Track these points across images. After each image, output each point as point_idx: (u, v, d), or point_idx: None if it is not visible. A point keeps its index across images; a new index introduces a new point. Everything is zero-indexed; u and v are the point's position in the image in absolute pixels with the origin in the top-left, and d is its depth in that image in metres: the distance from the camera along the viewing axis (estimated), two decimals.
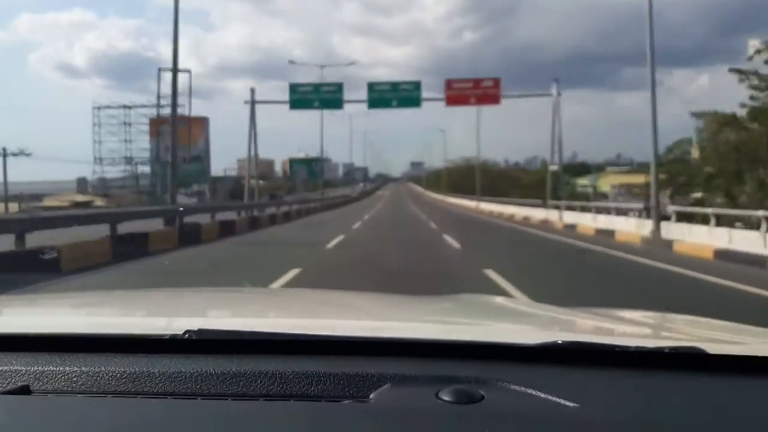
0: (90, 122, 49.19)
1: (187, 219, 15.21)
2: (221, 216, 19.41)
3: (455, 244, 13.40)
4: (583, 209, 20.54)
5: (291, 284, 7.34)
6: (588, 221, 18.35)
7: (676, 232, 12.92)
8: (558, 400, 0.88)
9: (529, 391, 0.90)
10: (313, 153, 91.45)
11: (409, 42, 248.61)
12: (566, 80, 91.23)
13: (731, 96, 30.42)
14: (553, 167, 27.88)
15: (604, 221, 17.29)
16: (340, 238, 14.73)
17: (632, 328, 1.55)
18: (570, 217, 20.57)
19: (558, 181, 27.80)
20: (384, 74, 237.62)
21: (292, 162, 79.80)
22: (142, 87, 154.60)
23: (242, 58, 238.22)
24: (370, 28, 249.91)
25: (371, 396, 0.90)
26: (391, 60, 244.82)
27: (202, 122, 51.31)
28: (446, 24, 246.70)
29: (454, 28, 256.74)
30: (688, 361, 1.01)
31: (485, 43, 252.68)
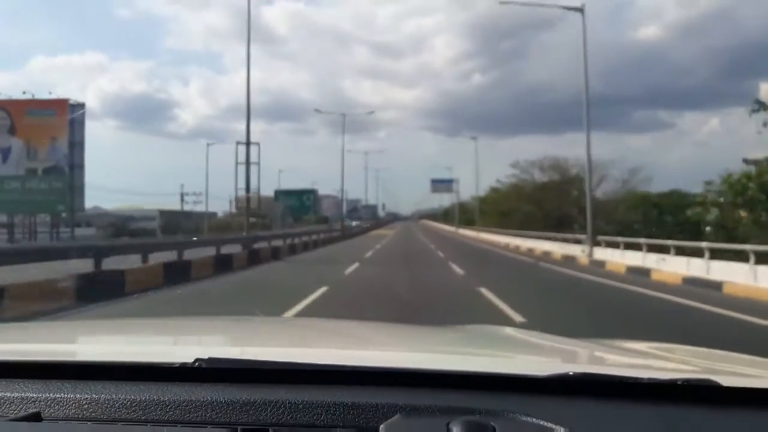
0: None
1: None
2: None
3: None
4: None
5: None
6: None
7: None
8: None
9: (540, 422, 0.89)
10: (325, 191, 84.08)
11: (419, 85, 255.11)
12: (573, 121, 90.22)
13: (741, 138, 26.80)
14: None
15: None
16: None
17: (643, 360, 1.54)
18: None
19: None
20: (394, 117, 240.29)
21: (278, 194, 63.94)
22: (154, 129, 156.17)
23: (253, 100, 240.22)
24: (380, 71, 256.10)
25: (381, 426, 0.90)
26: (401, 102, 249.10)
27: (68, 108, 32.47)
28: (455, 67, 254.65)
29: (463, 70, 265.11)
30: (702, 393, 0.99)
31: (494, 86, 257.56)
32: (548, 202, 34.20)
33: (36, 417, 0.93)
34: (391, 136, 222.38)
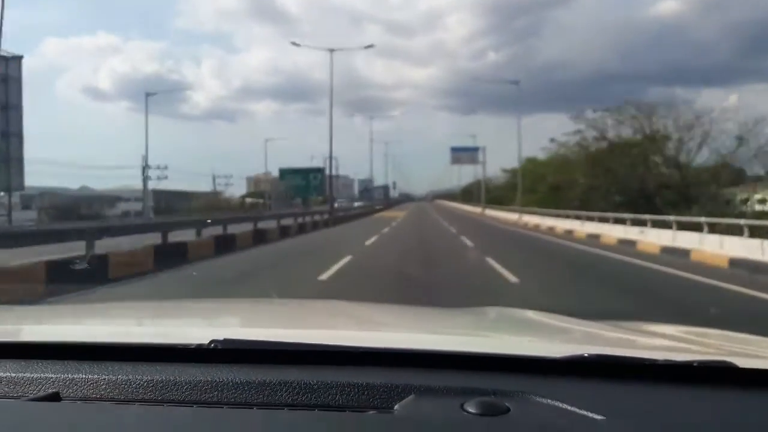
0: None
1: None
2: None
3: None
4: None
5: None
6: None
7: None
8: (585, 412, 0.87)
9: (556, 403, 0.89)
10: (341, 170, 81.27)
11: (432, 63, 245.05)
12: (590, 99, 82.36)
13: (761, 112, 25.81)
14: None
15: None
16: None
17: (659, 341, 1.52)
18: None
19: None
20: (407, 96, 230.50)
21: (283, 173, 59.79)
22: (168, 110, 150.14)
23: (265, 80, 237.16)
24: (393, 49, 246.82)
25: (396, 407, 0.90)
26: (415, 81, 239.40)
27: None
28: (469, 45, 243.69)
29: (477, 48, 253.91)
30: (719, 375, 0.99)
31: (508, 63, 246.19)
32: (624, 170, 24.56)
33: (54, 397, 0.94)
34: (406, 115, 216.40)
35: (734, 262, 10.44)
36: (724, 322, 2.85)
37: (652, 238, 14.59)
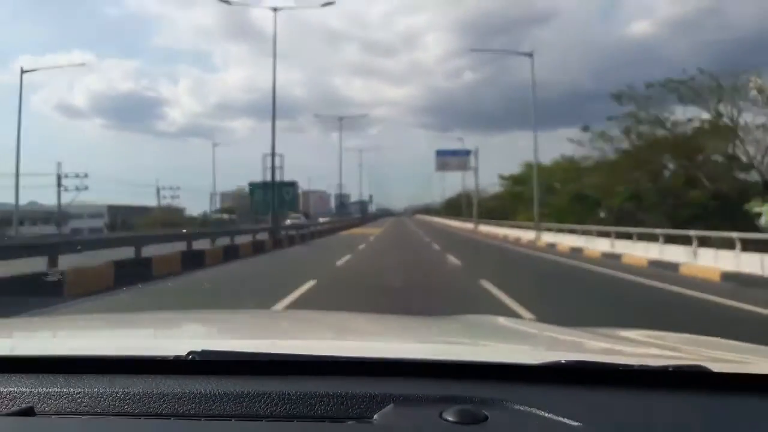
0: None
1: None
2: None
3: None
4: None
5: None
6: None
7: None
8: (562, 419, 0.87)
9: (533, 410, 0.90)
10: (318, 185, 75.46)
11: (410, 82, 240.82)
12: (566, 118, 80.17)
13: None
14: None
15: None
16: None
17: (635, 348, 1.52)
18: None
19: None
20: (386, 114, 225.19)
21: (253, 187, 59.38)
22: (143, 127, 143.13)
23: (242, 97, 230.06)
24: (370, 68, 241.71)
25: (375, 417, 0.90)
26: (392, 99, 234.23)
27: None
28: (446, 64, 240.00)
29: (454, 68, 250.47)
30: (693, 379, 1.00)
31: (485, 83, 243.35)
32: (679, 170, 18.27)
33: (29, 412, 0.92)
34: (383, 133, 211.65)
35: None
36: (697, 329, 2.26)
37: None
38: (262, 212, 53.76)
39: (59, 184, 42.72)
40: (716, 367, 1.01)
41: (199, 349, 1.04)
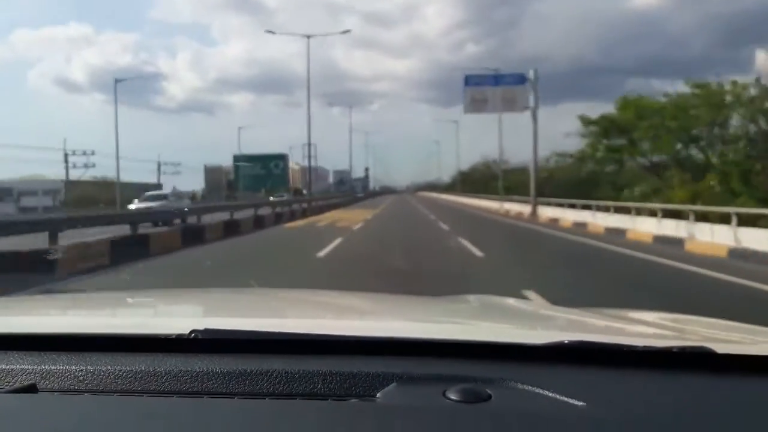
0: None
1: None
2: None
3: None
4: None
5: None
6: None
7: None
8: (565, 399, 0.87)
9: (537, 390, 0.90)
10: (318, 161, 68.00)
11: (411, 55, 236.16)
12: (570, 92, 77.68)
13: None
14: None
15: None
16: None
17: (640, 328, 1.52)
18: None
19: None
20: (387, 88, 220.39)
21: (238, 161, 52.36)
22: (143, 102, 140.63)
23: (242, 72, 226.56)
24: (371, 41, 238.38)
25: (378, 395, 0.90)
26: (394, 73, 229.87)
27: None
28: (448, 37, 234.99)
29: (456, 40, 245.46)
30: (697, 360, 1.00)
31: (488, 56, 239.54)
32: None
33: (31, 389, 0.92)
34: (385, 108, 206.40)
35: None
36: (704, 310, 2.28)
37: None
38: (251, 189, 50.83)
39: (66, 161, 43.23)
40: (721, 348, 1.01)
41: (201, 328, 1.04)
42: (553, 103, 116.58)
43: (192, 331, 1.03)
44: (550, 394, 0.88)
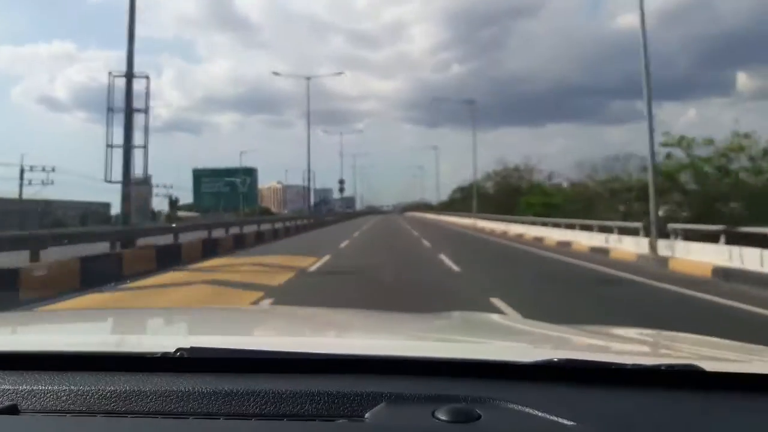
0: None
1: None
2: None
3: None
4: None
5: None
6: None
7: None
8: (555, 418, 0.86)
9: (526, 409, 0.89)
10: (299, 180, 61.64)
11: (397, 75, 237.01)
12: (553, 113, 78.52)
13: (719, 127, 12.02)
14: None
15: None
16: None
17: (628, 346, 1.52)
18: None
19: None
20: (374, 108, 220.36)
21: (198, 175, 47.33)
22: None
23: (228, 90, 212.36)
24: (357, 60, 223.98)
25: (366, 415, 0.89)
26: (380, 93, 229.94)
27: None
28: (433, 57, 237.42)
29: (442, 60, 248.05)
30: (686, 378, 0.99)
31: (473, 76, 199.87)
32: None
33: (12, 410, 0.90)
34: (371, 127, 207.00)
35: None
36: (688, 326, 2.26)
37: None
38: (214, 208, 44.95)
39: (21, 177, 41.02)
40: (709, 366, 1.01)
41: (187, 346, 1.02)
42: (538, 125, 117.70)
43: (178, 350, 1.01)
44: (540, 414, 0.87)
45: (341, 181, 59.71)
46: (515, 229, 24.30)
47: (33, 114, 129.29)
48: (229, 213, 44.58)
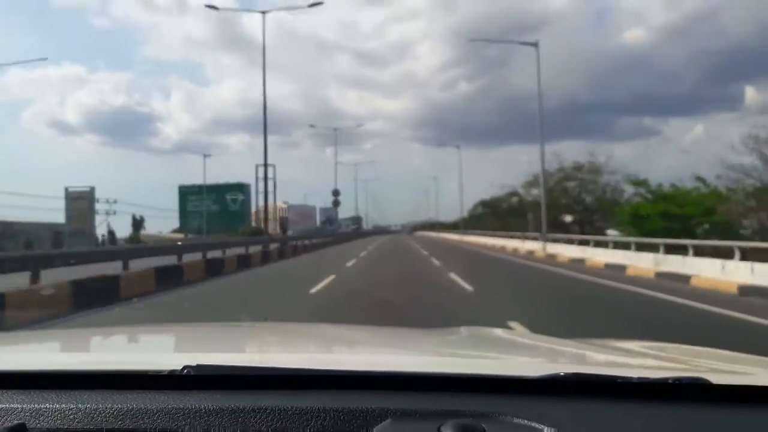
0: None
1: None
2: None
3: None
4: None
5: None
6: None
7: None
8: None
9: (532, 424, 0.89)
10: (307, 200, 58.71)
11: (404, 94, 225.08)
12: (562, 130, 72.11)
13: (725, 143, 20.36)
14: None
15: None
16: None
17: (633, 359, 1.51)
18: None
19: None
20: (381, 128, 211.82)
21: (184, 194, 42.91)
22: (137, 144, 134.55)
23: (237, 112, 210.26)
24: (364, 80, 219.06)
25: (372, 431, 0.89)
26: (387, 112, 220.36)
27: None
28: (440, 75, 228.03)
29: (449, 78, 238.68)
30: (692, 391, 0.99)
31: (481, 94, 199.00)
32: None
33: (21, 429, 0.91)
34: (379, 147, 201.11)
35: None
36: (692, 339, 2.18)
37: None
38: (200, 230, 39.90)
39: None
40: (716, 379, 1.00)
41: (194, 363, 1.03)
42: (546, 142, 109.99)
43: (185, 367, 1.02)
44: (546, 429, 0.87)
45: (335, 192, 47.13)
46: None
47: (44, 137, 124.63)
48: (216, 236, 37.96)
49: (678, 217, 17.17)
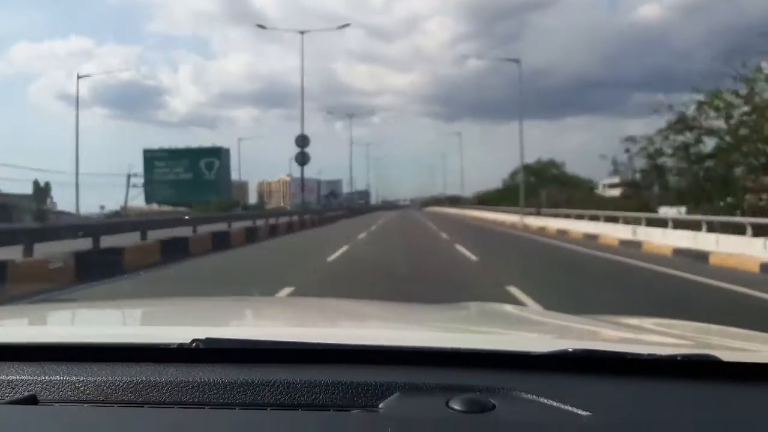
0: None
1: None
2: None
3: None
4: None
5: None
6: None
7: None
8: (570, 408, 0.87)
9: (541, 399, 0.89)
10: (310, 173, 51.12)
11: (414, 69, 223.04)
12: (573, 106, 70.86)
13: None
14: None
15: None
16: None
17: (643, 336, 1.51)
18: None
19: None
20: (390, 102, 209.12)
21: (150, 159, 37.99)
22: (145, 116, 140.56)
23: (245, 86, 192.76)
24: (373, 54, 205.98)
25: (380, 405, 0.89)
26: (397, 87, 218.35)
27: None
28: (450, 50, 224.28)
29: (459, 54, 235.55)
30: (702, 368, 0.99)
31: (491, 69, 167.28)
32: None
33: (31, 400, 0.92)
34: (388, 121, 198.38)
35: None
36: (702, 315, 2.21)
37: None
38: (170, 201, 36.34)
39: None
40: (726, 356, 1.00)
41: (203, 337, 1.03)
42: (557, 118, 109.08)
43: (193, 341, 1.02)
44: (555, 404, 0.87)
45: (301, 141, 28.03)
46: None
47: (52, 111, 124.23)
48: (187, 209, 35.13)
49: None
